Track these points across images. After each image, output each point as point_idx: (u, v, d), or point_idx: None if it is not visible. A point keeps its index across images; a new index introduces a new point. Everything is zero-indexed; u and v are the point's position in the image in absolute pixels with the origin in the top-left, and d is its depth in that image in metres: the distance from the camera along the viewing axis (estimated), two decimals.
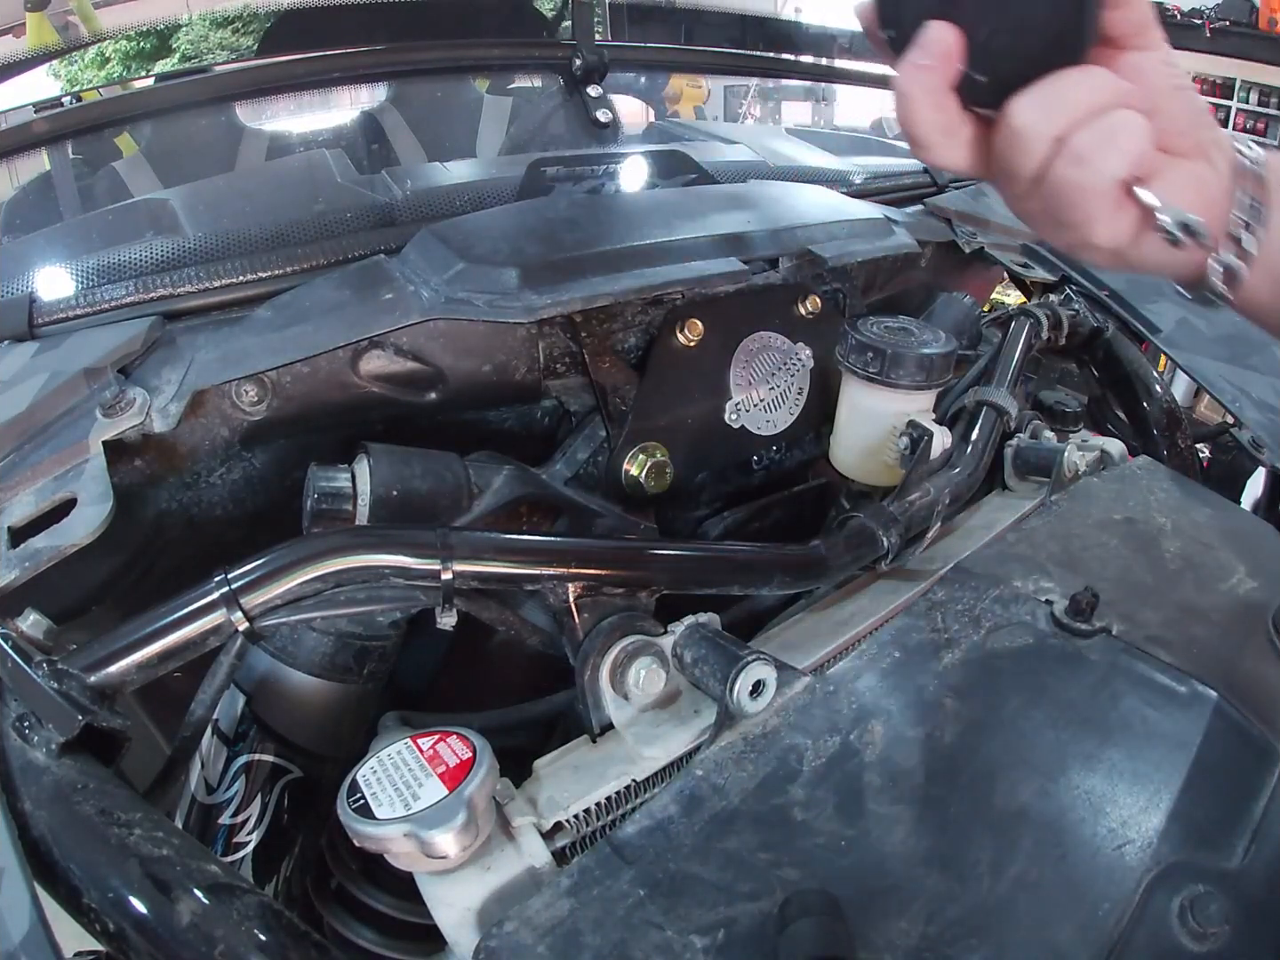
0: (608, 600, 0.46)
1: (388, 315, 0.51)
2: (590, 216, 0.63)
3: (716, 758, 0.37)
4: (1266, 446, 0.66)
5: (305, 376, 0.51)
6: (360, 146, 1.19)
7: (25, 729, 0.35)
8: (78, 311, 0.55)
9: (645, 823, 0.33)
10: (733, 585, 0.49)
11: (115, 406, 0.46)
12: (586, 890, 0.31)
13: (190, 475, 0.52)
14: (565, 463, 0.58)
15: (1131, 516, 0.49)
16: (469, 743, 0.39)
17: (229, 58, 0.88)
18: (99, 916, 0.31)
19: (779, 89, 3.64)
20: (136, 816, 0.33)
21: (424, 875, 0.37)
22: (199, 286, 0.56)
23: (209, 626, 0.38)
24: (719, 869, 0.31)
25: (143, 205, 0.75)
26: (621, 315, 0.59)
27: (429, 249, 0.56)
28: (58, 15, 0.93)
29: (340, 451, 0.50)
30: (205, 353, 0.50)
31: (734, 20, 1.13)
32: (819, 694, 0.40)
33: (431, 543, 0.41)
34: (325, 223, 0.64)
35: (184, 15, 0.92)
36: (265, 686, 0.47)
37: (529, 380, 0.58)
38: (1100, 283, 0.79)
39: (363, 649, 0.47)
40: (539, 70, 0.98)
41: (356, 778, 0.38)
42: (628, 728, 0.43)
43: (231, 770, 0.47)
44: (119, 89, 0.87)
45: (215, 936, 0.30)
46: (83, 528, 0.41)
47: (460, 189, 0.72)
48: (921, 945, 0.30)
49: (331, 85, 0.87)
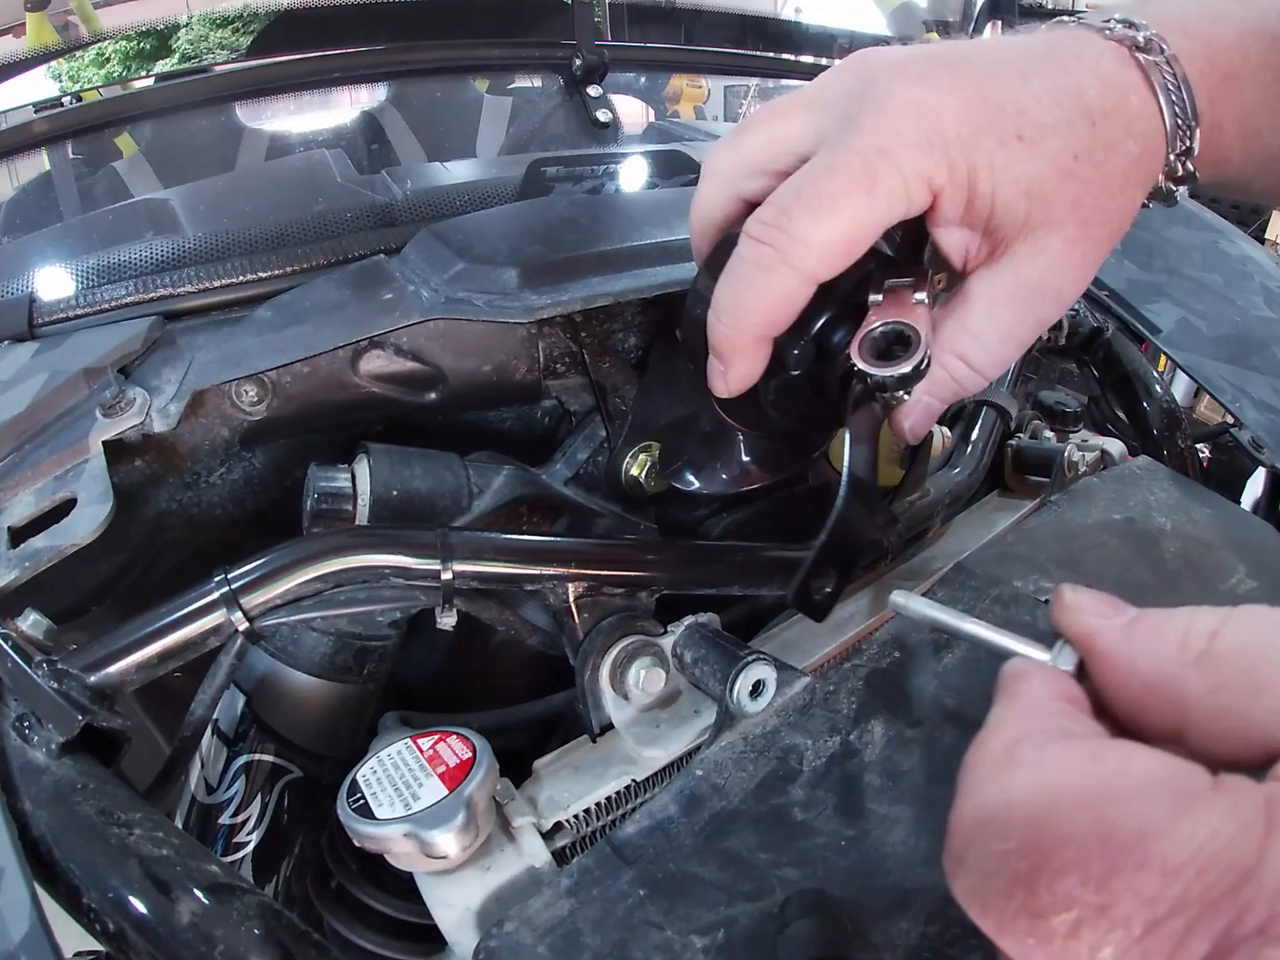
0: (608, 600, 0.46)
1: (388, 315, 0.51)
2: (590, 216, 0.63)
3: (716, 758, 0.37)
4: (1266, 446, 0.66)
5: (305, 376, 0.51)
6: (360, 146, 1.19)
7: (25, 729, 0.35)
8: (78, 311, 0.55)
9: (645, 823, 0.33)
10: (733, 585, 0.49)
11: (115, 406, 0.46)
12: (586, 890, 0.31)
13: (190, 475, 0.52)
14: (565, 463, 0.58)
15: (1131, 516, 0.49)
16: (469, 743, 0.39)
17: (229, 58, 0.88)
18: (99, 916, 0.31)
19: (779, 89, 3.65)
20: (136, 816, 0.33)
21: (424, 875, 0.37)
22: (199, 286, 0.56)
23: (209, 626, 0.38)
24: (719, 869, 0.31)
25: (143, 205, 0.75)
26: (621, 315, 0.59)
27: (429, 249, 0.56)
28: (58, 15, 0.93)
29: (340, 451, 0.50)
30: (205, 353, 0.50)
31: (734, 20, 1.13)
32: (819, 694, 0.40)
33: (431, 543, 0.41)
34: (325, 223, 0.64)
35: (184, 15, 0.92)
36: (265, 686, 0.47)
37: (529, 380, 0.58)
38: (1100, 283, 0.79)
39: (363, 649, 0.47)
40: (539, 70, 0.98)
41: (356, 778, 0.38)
42: (628, 728, 0.43)
43: (231, 770, 0.47)
44: (119, 89, 0.87)
45: (215, 936, 0.30)
46: (83, 528, 0.41)
47: (460, 189, 0.72)
48: (921, 945, 0.29)
49: (331, 85, 0.87)
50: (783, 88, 4.12)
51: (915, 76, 0.34)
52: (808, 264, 0.33)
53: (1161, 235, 0.82)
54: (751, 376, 0.37)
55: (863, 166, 0.32)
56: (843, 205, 0.32)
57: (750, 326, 0.35)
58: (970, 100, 0.33)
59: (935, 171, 0.33)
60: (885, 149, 0.32)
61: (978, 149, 0.33)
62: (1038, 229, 0.34)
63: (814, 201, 0.33)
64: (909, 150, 0.32)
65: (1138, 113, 0.34)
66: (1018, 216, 0.34)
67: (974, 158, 0.33)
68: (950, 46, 0.36)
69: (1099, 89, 0.34)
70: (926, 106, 0.33)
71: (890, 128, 0.33)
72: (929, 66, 0.34)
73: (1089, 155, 0.33)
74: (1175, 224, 0.83)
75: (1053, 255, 0.34)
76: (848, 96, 0.35)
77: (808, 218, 0.33)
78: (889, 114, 0.33)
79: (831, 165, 0.33)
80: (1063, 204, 0.33)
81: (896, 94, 0.33)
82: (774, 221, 0.33)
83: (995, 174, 0.33)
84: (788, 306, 0.35)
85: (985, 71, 0.34)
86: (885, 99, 0.33)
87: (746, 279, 0.34)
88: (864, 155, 0.32)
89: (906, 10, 1.24)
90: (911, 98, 0.33)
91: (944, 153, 0.33)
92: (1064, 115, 0.33)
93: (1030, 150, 0.33)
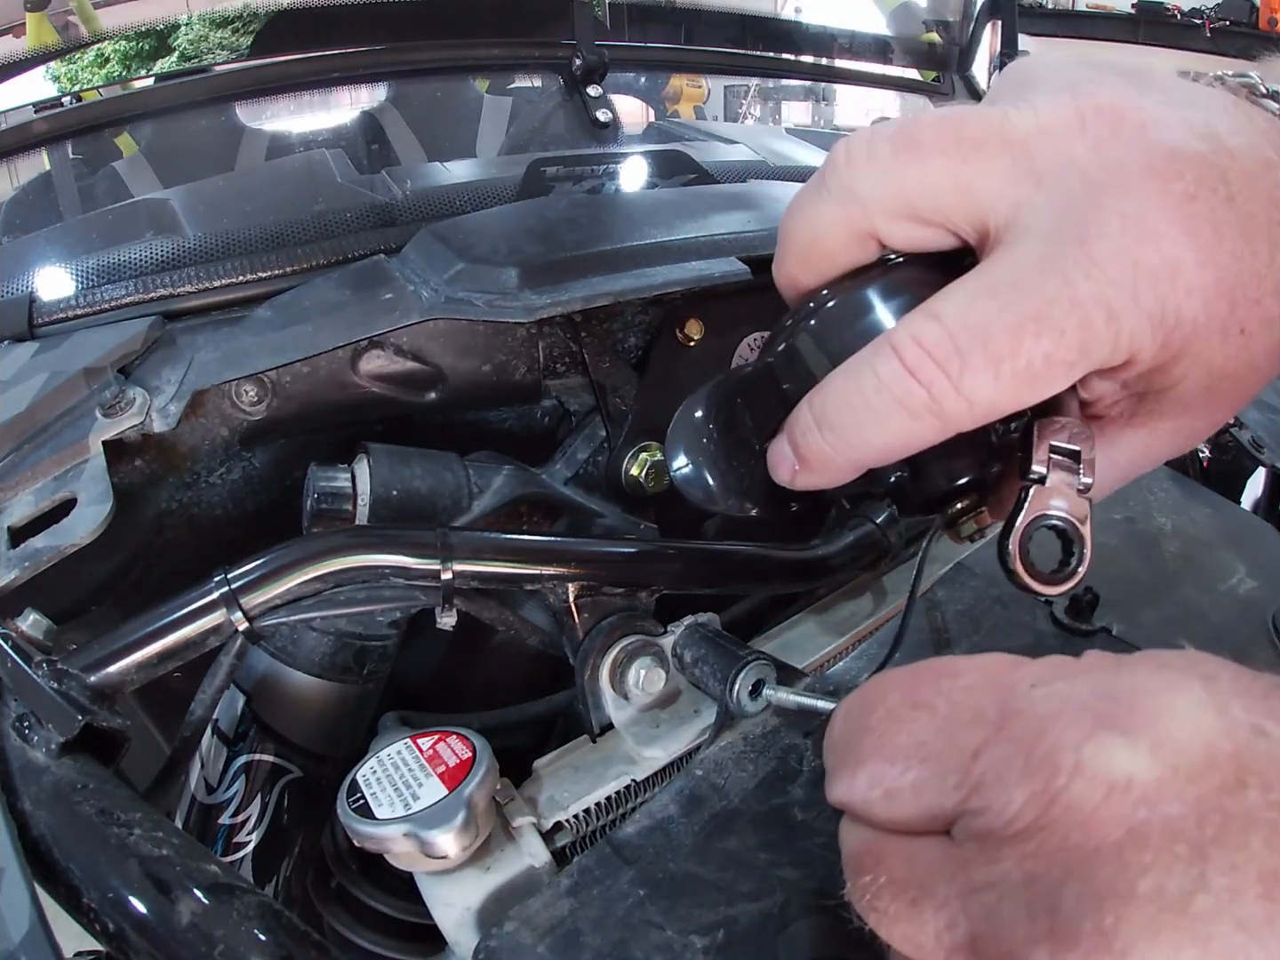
0: (608, 600, 0.46)
1: (388, 315, 0.51)
2: (590, 216, 0.63)
3: (716, 758, 0.37)
4: (1266, 446, 0.66)
5: (305, 376, 0.51)
6: (360, 146, 1.19)
7: (25, 729, 0.35)
8: (78, 311, 0.55)
9: (645, 823, 0.33)
10: (733, 585, 0.49)
11: (115, 406, 0.46)
12: (586, 890, 0.31)
13: (190, 475, 0.52)
14: (565, 463, 0.58)
15: (1131, 516, 0.49)
16: (469, 743, 0.39)
17: (229, 58, 0.88)
18: (99, 916, 0.31)
19: (779, 89, 3.65)
20: (136, 816, 0.33)
21: (424, 875, 0.37)
22: (199, 286, 0.56)
23: (209, 626, 0.38)
24: (719, 869, 0.31)
25: (143, 205, 0.75)
26: (621, 315, 0.59)
27: (429, 249, 0.56)
28: (58, 15, 0.93)
29: (340, 451, 0.50)
30: (205, 353, 0.50)
31: (734, 20, 1.13)
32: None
33: (431, 543, 0.41)
34: (325, 223, 0.64)
35: (184, 15, 0.92)
36: (265, 686, 0.47)
37: (529, 380, 0.58)
38: None
39: (363, 649, 0.47)
40: (539, 70, 0.98)
41: (356, 778, 0.38)
42: (628, 728, 0.43)
43: (231, 770, 0.47)
44: (119, 89, 0.87)
45: (215, 936, 0.30)
46: (83, 528, 0.41)
47: (460, 189, 0.72)
48: None
49: (331, 85, 0.87)
50: (783, 88, 4.12)
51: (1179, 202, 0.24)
52: (962, 423, 0.26)
53: None
54: (826, 486, 0.31)
55: (1079, 330, 0.24)
56: (1038, 375, 0.25)
57: (857, 457, 0.28)
58: (1223, 271, 0.25)
59: (1147, 346, 0.25)
60: (1114, 310, 0.24)
61: (1200, 338, 0.25)
62: (1196, 408, 0.28)
63: (1000, 357, 0.25)
64: (1138, 319, 0.24)
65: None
66: (1189, 401, 0.28)
67: (1192, 345, 0.25)
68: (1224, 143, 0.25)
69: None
70: (1180, 266, 0.24)
71: (1127, 280, 0.24)
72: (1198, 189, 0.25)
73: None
74: None
75: (1193, 432, 0.29)
76: (1081, 177, 0.25)
77: (984, 375, 0.25)
78: (1128, 257, 0.24)
79: (1038, 314, 0.24)
80: (1235, 390, 0.28)
81: (1148, 227, 0.24)
82: (942, 359, 0.25)
83: (1198, 363, 0.26)
84: (912, 449, 0.28)
85: (1245, 216, 0.25)
86: (1132, 229, 0.24)
87: (876, 412, 0.27)
88: (1085, 310, 0.24)
89: (906, 10, 1.24)
90: (1167, 242, 0.24)
91: (1168, 332, 0.25)
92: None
93: (1245, 347, 0.26)
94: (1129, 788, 0.18)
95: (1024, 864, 0.19)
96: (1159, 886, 0.17)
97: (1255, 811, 0.17)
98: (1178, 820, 0.18)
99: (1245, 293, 0.25)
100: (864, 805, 0.23)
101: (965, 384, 0.25)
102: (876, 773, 0.22)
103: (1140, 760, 0.18)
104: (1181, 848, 0.17)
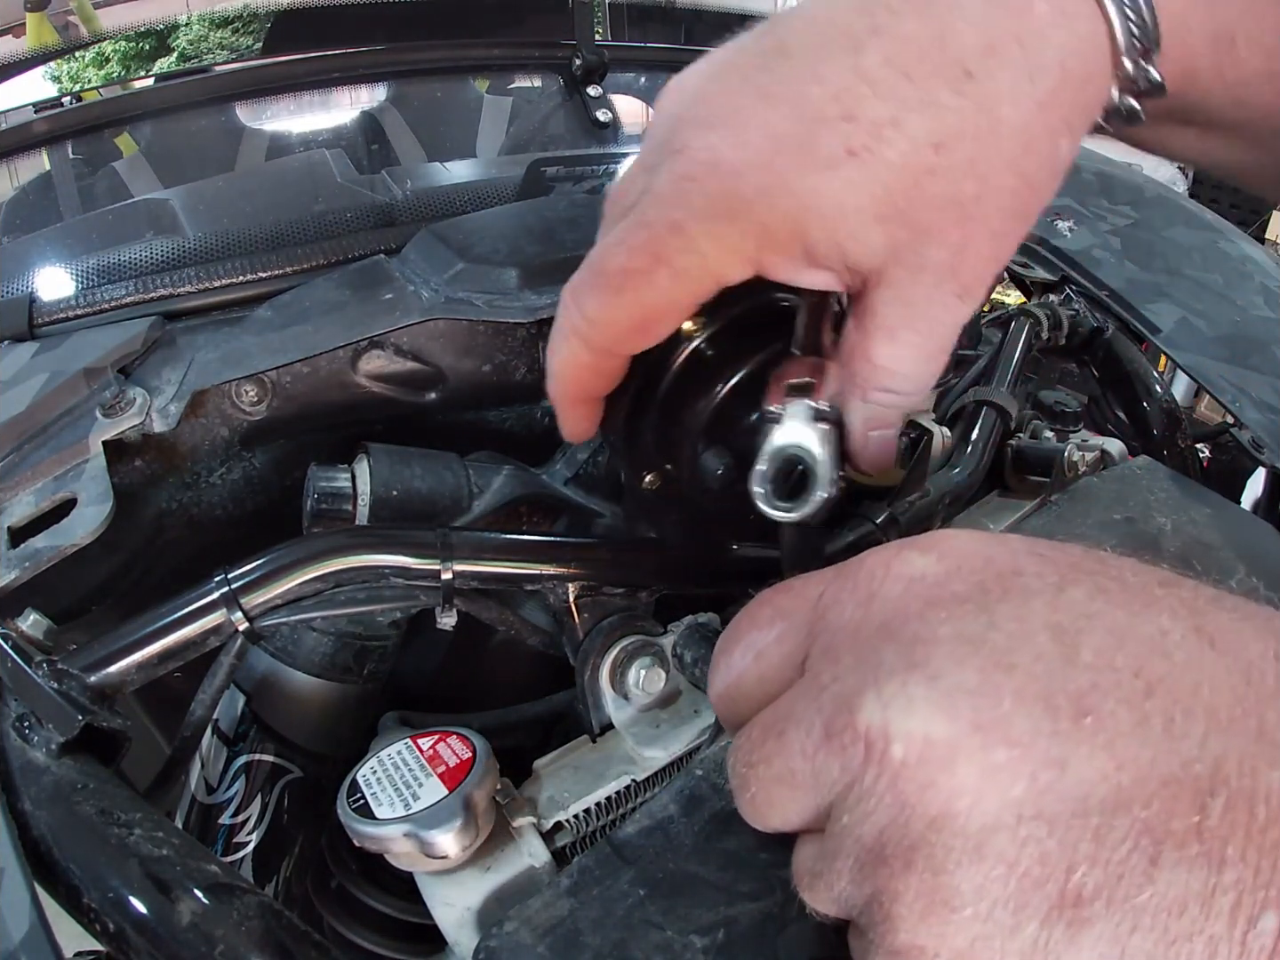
0: (608, 600, 0.46)
1: (388, 315, 0.51)
2: (590, 216, 0.62)
3: (716, 758, 0.36)
4: (1266, 446, 0.66)
5: (305, 376, 0.51)
6: (360, 146, 1.19)
7: (25, 729, 0.35)
8: (78, 311, 0.55)
9: (645, 823, 0.33)
10: (733, 585, 0.49)
11: (115, 406, 0.46)
12: (586, 890, 0.31)
13: (190, 475, 0.52)
14: (565, 463, 0.58)
15: (1131, 516, 0.49)
16: (469, 743, 0.39)
17: (229, 58, 0.88)
18: (99, 916, 0.31)
19: None
20: (136, 816, 0.33)
21: (424, 875, 0.37)
22: (199, 286, 0.56)
23: (209, 626, 0.38)
24: (719, 869, 0.31)
25: (143, 205, 0.75)
26: None
27: (429, 249, 0.56)
28: (58, 15, 0.93)
29: (340, 451, 0.50)
30: (205, 353, 0.50)
31: (734, 20, 1.13)
32: None
33: (431, 543, 0.41)
34: (325, 223, 0.65)
35: (184, 15, 0.92)
36: (265, 686, 0.47)
37: (529, 380, 0.58)
38: (1100, 283, 0.79)
39: (363, 649, 0.47)
40: (539, 70, 0.99)
41: (356, 778, 0.38)
42: (628, 728, 0.43)
43: (231, 770, 0.47)
44: (119, 89, 0.87)
45: (215, 936, 0.30)
46: (83, 528, 0.41)
47: (460, 189, 0.72)
48: None
49: (331, 85, 0.87)
50: None
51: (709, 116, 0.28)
52: (598, 340, 0.30)
53: (1161, 235, 0.82)
54: (586, 432, 0.36)
55: (648, 244, 0.28)
56: (627, 288, 0.28)
57: (561, 390, 0.33)
58: (777, 124, 0.26)
59: (741, 243, 0.27)
60: (677, 224, 0.27)
61: (789, 191, 0.26)
62: (905, 247, 0.27)
63: (598, 280, 0.29)
64: (704, 224, 0.27)
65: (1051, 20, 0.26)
66: (875, 247, 0.27)
67: (784, 204, 0.26)
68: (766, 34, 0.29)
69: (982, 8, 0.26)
70: (721, 160, 0.27)
71: (682, 195, 0.27)
72: (722, 90, 0.28)
73: (960, 133, 0.26)
74: (1175, 224, 0.83)
75: (938, 267, 0.28)
76: (658, 144, 0.29)
77: (591, 297, 0.29)
78: (680, 177, 0.27)
79: (620, 239, 0.28)
80: (929, 207, 0.26)
81: (690, 146, 0.28)
82: (569, 292, 0.30)
83: (824, 211, 0.26)
84: (592, 376, 0.32)
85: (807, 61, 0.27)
86: (681, 154, 0.28)
87: (553, 344, 0.32)
88: (653, 231, 0.27)
89: None
90: (704, 147, 0.27)
91: (748, 217, 0.26)
92: (915, 90, 0.25)
93: (866, 163, 0.26)
94: (923, 578, 0.23)
95: (853, 634, 0.23)
96: (956, 631, 0.21)
97: (1031, 586, 0.21)
98: (963, 593, 0.22)
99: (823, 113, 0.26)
100: (739, 677, 0.26)
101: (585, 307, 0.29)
102: (749, 640, 0.26)
103: (929, 561, 0.23)
104: (970, 606, 0.21)
